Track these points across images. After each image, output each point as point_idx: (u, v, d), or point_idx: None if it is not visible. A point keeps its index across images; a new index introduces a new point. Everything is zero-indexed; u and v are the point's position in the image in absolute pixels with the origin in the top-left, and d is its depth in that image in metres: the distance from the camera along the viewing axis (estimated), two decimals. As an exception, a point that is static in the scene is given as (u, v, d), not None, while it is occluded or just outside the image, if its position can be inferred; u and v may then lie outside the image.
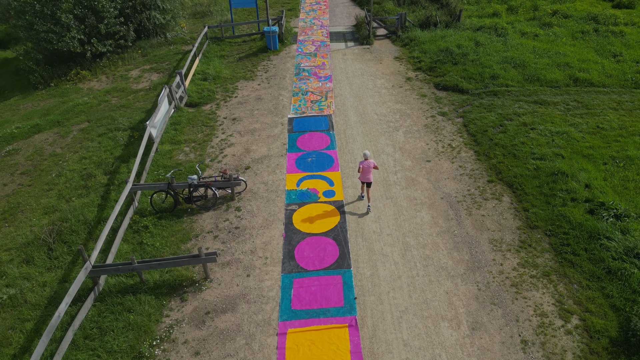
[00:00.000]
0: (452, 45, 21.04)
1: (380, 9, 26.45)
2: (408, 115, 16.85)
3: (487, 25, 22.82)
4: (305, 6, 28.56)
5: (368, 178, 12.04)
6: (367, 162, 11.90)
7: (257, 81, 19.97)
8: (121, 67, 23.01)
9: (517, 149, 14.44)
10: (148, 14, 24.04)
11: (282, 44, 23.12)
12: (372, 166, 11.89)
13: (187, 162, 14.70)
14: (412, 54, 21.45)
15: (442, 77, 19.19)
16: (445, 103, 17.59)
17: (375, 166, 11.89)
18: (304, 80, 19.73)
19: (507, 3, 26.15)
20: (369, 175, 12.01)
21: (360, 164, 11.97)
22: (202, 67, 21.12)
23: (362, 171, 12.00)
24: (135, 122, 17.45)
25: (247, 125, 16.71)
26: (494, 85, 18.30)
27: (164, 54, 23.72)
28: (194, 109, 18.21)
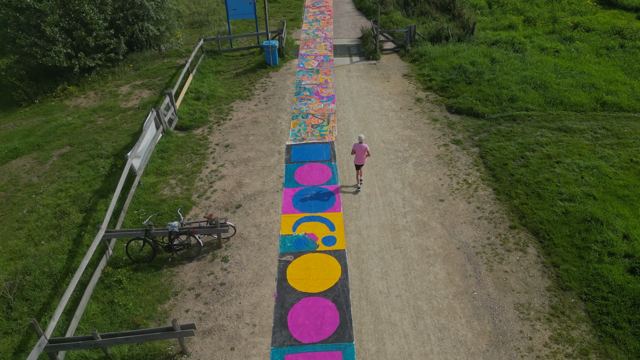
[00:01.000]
0: (465, 62, 19.43)
1: (388, 20, 24.88)
2: (418, 144, 15.27)
3: (503, 40, 21.18)
4: (308, 16, 27.05)
5: (361, 160, 12.98)
6: (360, 146, 12.79)
7: (254, 101, 18.46)
8: (111, 82, 21.59)
9: (541, 187, 12.82)
10: (141, 25, 22.62)
11: (282, 59, 21.60)
12: (365, 149, 12.81)
13: (171, 199, 13.19)
14: (422, 71, 19.85)
15: (455, 99, 17.58)
16: (459, 129, 15.99)
17: (368, 152, 12.89)
18: (305, 101, 18.19)
19: (524, 14, 24.49)
20: (362, 158, 12.92)
21: (354, 146, 12.88)
22: (195, 85, 19.64)
23: (356, 153, 12.92)
24: (119, 147, 15.99)
25: (240, 153, 15.19)
26: (512, 108, 16.67)
27: (157, 68, 22.28)
28: (184, 132, 16.73)
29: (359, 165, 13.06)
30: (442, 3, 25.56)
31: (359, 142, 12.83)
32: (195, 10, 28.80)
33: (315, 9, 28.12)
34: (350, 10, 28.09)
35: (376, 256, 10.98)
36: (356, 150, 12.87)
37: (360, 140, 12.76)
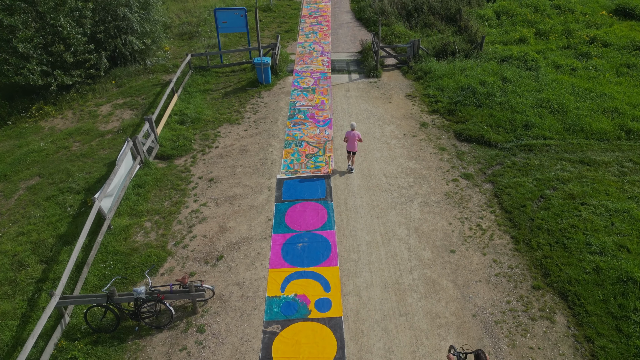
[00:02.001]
0: (474, 82, 17.83)
1: (389, 32, 23.29)
2: (424, 178, 13.67)
3: (515, 56, 19.58)
4: (304, 27, 25.46)
5: (353, 147, 13.69)
6: (352, 133, 13.55)
7: (244, 125, 16.86)
8: (91, 100, 20.00)
9: (566, 235, 11.21)
10: (124, 38, 21.03)
11: (275, 77, 20.00)
12: (357, 136, 13.52)
13: (144, 247, 11.58)
14: (427, 91, 18.25)
15: (464, 124, 15.98)
16: (469, 161, 14.39)
17: (360, 139, 13.59)
18: (299, 126, 16.58)
19: (535, 26, 22.89)
20: (354, 145, 13.65)
21: (346, 133, 13.66)
22: (180, 106, 18.04)
23: (349, 140, 13.64)
24: (92, 180, 14.39)
25: (225, 189, 13.59)
26: (528, 136, 15.07)
27: (141, 85, 20.68)
28: (165, 163, 15.12)
29: (351, 151, 13.89)
30: (447, 14, 23.98)
31: (351, 130, 13.60)
32: (186, 20, 27.21)
33: (313, 19, 26.54)
34: (349, 20, 26.50)
35: (378, 326, 9.37)
36: (348, 137, 13.66)
37: (353, 127, 13.59)
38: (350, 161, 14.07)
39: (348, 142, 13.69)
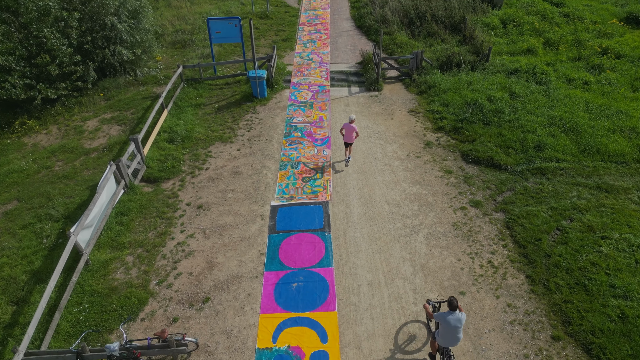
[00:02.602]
0: (481, 97, 16.84)
1: (391, 41, 22.30)
2: (430, 206, 12.67)
3: (524, 68, 18.58)
4: (302, 35, 24.46)
5: (350, 139, 14.01)
6: (350, 126, 13.80)
7: (237, 144, 15.86)
8: (77, 114, 19.00)
9: (587, 275, 10.22)
10: (112, 49, 20.03)
11: (271, 90, 19.01)
12: (354, 129, 13.81)
13: (124, 287, 10.58)
14: (431, 107, 17.25)
15: (471, 144, 14.99)
16: (478, 185, 13.39)
17: (357, 133, 13.91)
18: (296, 145, 15.59)
19: (543, 35, 21.90)
20: (351, 137, 13.97)
21: (343, 125, 13.92)
22: (170, 122, 17.04)
23: (345, 133, 13.93)
24: (73, 206, 13.40)
25: (215, 218, 12.59)
26: (540, 159, 14.08)
27: (130, 98, 19.69)
28: (151, 186, 14.12)
29: (348, 143, 14.17)
30: (451, 22, 22.99)
31: (349, 122, 13.81)
32: (179, 27, 26.21)
33: (311, 26, 25.55)
34: (349, 28, 25.50)
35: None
36: (345, 129, 13.93)
37: (351, 119, 13.78)
38: (348, 152, 14.43)
39: (345, 134, 14.02)
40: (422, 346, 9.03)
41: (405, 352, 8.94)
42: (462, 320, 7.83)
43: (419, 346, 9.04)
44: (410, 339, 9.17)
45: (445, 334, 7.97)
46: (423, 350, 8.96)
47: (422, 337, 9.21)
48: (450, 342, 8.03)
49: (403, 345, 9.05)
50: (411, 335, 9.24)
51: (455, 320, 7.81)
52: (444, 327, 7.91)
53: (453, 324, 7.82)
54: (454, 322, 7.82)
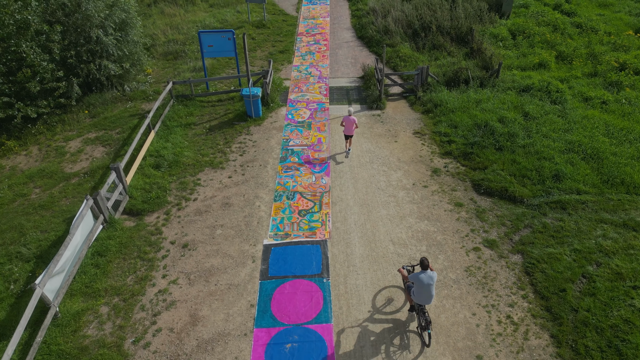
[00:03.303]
0: (492, 119, 15.62)
1: (394, 54, 21.08)
2: (439, 246, 11.45)
3: (536, 86, 17.36)
4: (301, 47, 23.24)
5: (350, 131, 14.46)
6: (349, 118, 14.26)
7: (228, 170, 14.64)
8: (60, 133, 17.80)
9: (620, 335, 9.00)
10: (98, 63, 18.83)
11: (267, 108, 17.79)
12: (354, 122, 14.30)
13: (96, 346, 9.35)
14: (438, 128, 16.04)
15: (482, 172, 13.78)
16: (491, 221, 12.17)
17: (357, 124, 14.47)
18: (292, 172, 14.38)
19: (556, 48, 20.69)
20: (351, 129, 14.41)
21: (343, 118, 14.36)
22: (157, 145, 15.83)
23: (345, 125, 14.39)
24: (47, 243, 12.19)
25: (201, 259, 11.38)
26: (559, 190, 12.86)
27: (117, 116, 18.48)
28: (134, 220, 12.91)
29: (348, 135, 14.62)
30: (457, 34, 21.78)
31: (348, 115, 14.36)
32: (172, 37, 25.00)
33: (310, 37, 24.33)
34: (349, 38, 24.27)
35: None
36: (345, 122, 14.46)
37: (350, 113, 14.38)
38: (348, 144, 14.89)
39: (345, 126, 14.53)
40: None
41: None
42: (433, 278, 8.58)
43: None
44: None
45: (420, 292, 8.69)
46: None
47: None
48: (425, 299, 8.75)
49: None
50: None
51: (427, 278, 8.55)
52: (418, 286, 8.63)
53: (426, 282, 8.55)
54: (427, 280, 8.55)
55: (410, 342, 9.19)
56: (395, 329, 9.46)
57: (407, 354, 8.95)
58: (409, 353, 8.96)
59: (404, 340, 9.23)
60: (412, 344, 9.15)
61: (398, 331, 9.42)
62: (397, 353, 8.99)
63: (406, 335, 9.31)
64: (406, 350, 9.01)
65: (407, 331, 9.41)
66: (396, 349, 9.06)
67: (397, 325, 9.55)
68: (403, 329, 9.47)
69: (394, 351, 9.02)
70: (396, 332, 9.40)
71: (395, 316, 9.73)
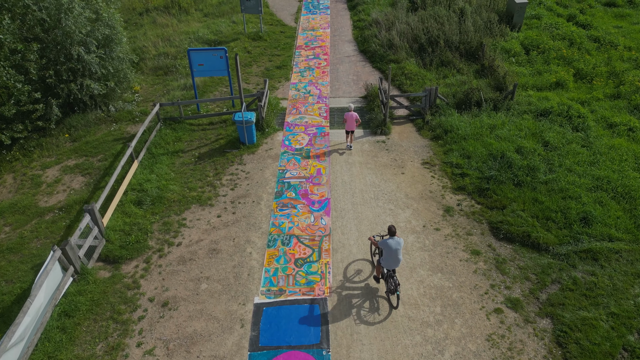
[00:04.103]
0: (509, 148, 14.18)
1: (399, 71, 19.65)
2: (456, 307, 10.00)
3: (556, 110, 15.90)
4: (299, 61, 21.78)
5: (352, 127, 14.70)
6: (351, 114, 14.54)
7: (217, 208, 13.21)
8: (37, 160, 16.38)
9: None
10: (80, 82, 17.40)
11: (261, 134, 16.35)
12: (355, 117, 14.56)
13: None
14: (449, 158, 14.59)
15: (501, 214, 12.33)
16: (513, 274, 10.73)
17: (359, 120, 14.66)
18: (288, 210, 12.93)
19: (573, 65, 19.24)
20: (352, 125, 14.66)
21: (345, 115, 14.64)
22: (140, 177, 14.39)
23: (347, 121, 14.65)
24: (9, 299, 10.75)
25: (183, 322, 9.93)
26: (588, 236, 11.41)
27: (100, 140, 17.05)
28: (109, 268, 11.47)
29: (349, 131, 14.89)
30: (467, 49, 20.34)
31: (348, 111, 14.70)
32: (163, 50, 23.55)
33: (309, 50, 22.88)
34: (351, 52, 22.81)
35: None
36: (347, 118, 14.67)
37: (350, 108, 14.68)
38: (349, 139, 15.12)
39: (347, 122, 14.72)
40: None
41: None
42: (400, 243, 9.37)
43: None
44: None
45: (388, 257, 9.45)
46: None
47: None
48: (393, 263, 9.53)
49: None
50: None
51: (395, 243, 9.32)
52: (387, 251, 9.39)
53: (394, 247, 9.32)
54: (395, 245, 9.32)
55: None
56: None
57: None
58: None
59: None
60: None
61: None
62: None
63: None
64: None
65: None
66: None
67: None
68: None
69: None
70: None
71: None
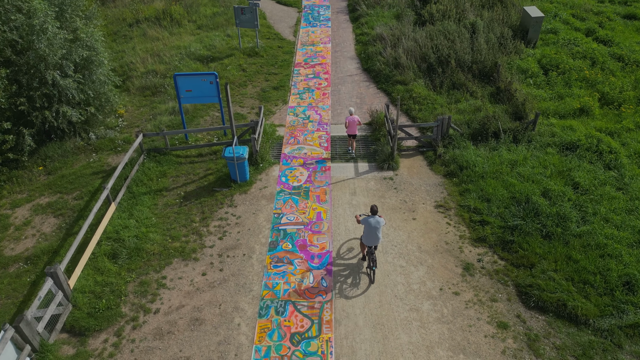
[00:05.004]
0: (533, 191, 12.53)
1: (406, 94, 17.99)
2: (482, 403, 8.36)
3: (583, 143, 14.25)
4: (298, 81, 20.13)
5: (353, 131, 14.49)
6: (352, 118, 14.33)
7: (203, 263, 11.55)
8: (7, 196, 14.75)
9: None
10: (56, 109, 15.78)
11: (255, 169, 14.70)
12: (357, 121, 14.36)
13: None
14: (466, 201, 12.94)
15: (529, 273, 10.67)
16: (549, 356, 9.07)
17: (360, 122, 14.49)
18: (284, 267, 11.28)
19: (597, 87, 17.60)
20: (354, 129, 14.44)
21: (346, 119, 14.41)
22: (117, 223, 12.75)
23: (349, 125, 14.42)
24: (-46, 383, 9.10)
25: (157, 421, 8.30)
26: (634, 307, 9.75)
27: (77, 173, 15.41)
28: (74, 342, 9.82)
29: (352, 135, 14.55)
30: (480, 69, 18.69)
31: (350, 115, 14.43)
32: (152, 67, 21.88)
33: (309, 68, 21.22)
34: (354, 70, 21.14)
35: None
36: (349, 122, 14.36)
37: (351, 112, 14.46)
38: (351, 146, 14.81)
39: (348, 126, 14.46)
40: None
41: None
42: (380, 222, 10.08)
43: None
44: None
45: (368, 234, 10.14)
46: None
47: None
48: (373, 240, 10.19)
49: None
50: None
51: (374, 222, 10.03)
52: (367, 228, 10.10)
53: (373, 225, 10.02)
54: (374, 223, 10.02)
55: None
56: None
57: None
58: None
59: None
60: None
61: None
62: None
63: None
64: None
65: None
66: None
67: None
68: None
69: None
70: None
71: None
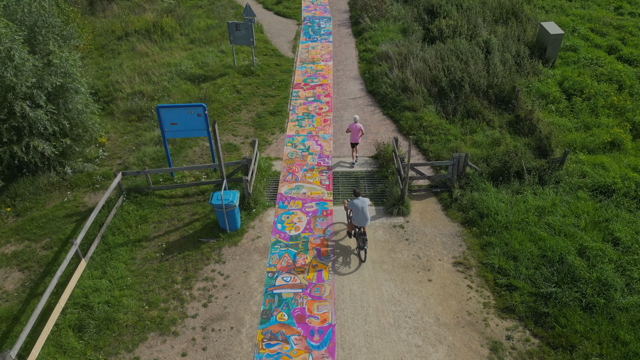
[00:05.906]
0: (567, 249, 10.82)
1: (415, 122, 16.30)
2: None
3: (620, 188, 12.56)
4: (296, 106, 18.42)
5: (356, 139, 14.42)
6: (355, 125, 14.19)
7: (183, 339, 9.85)
8: (-31, 244, 13.08)
9: None
10: (26, 143, 14.12)
11: (247, 214, 13.01)
12: (360, 129, 14.19)
13: None
14: (490, 258, 11.23)
15: (569, 356, 8.97)
16: None
17: (362, 131, 14.31)
18: (279, 347, 9.58)
19: (626, 116, 15.92)
20: (357, 137, 14.35)
21: (349, 126, 14.30)
22: (88, 283, 11.05)
23: (352, 133, 14.33)
24: None
25: None
26: (702, 409, 8.05)
27: (48, 216, 13.73)
28: None
29: (354, 143, 14.54)
30: (497, 94, 17.01)
31: (354, 122, 14.29)
32: (139, 87, 20.19)
33: (308, 90, 19.53)
34: (357, 93, 19.43)
35: None
36: (351, 130, 14.30)
37: (355, 120, 14.30)
38: (354, 153, 14.68)
39: (351, 134, 14.35)
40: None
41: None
42: (365, 202, 10.90)
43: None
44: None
45: (357, 215, 10.90)
46: None
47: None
48: (362, 221, 10.94)
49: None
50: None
51: (360, 202, 10.85)
52: (355, 210, 10.87)
53: (360, 206, 10.82)
54: (360, 204, 10.82)
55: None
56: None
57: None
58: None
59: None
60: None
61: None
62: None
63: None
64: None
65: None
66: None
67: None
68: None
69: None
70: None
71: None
